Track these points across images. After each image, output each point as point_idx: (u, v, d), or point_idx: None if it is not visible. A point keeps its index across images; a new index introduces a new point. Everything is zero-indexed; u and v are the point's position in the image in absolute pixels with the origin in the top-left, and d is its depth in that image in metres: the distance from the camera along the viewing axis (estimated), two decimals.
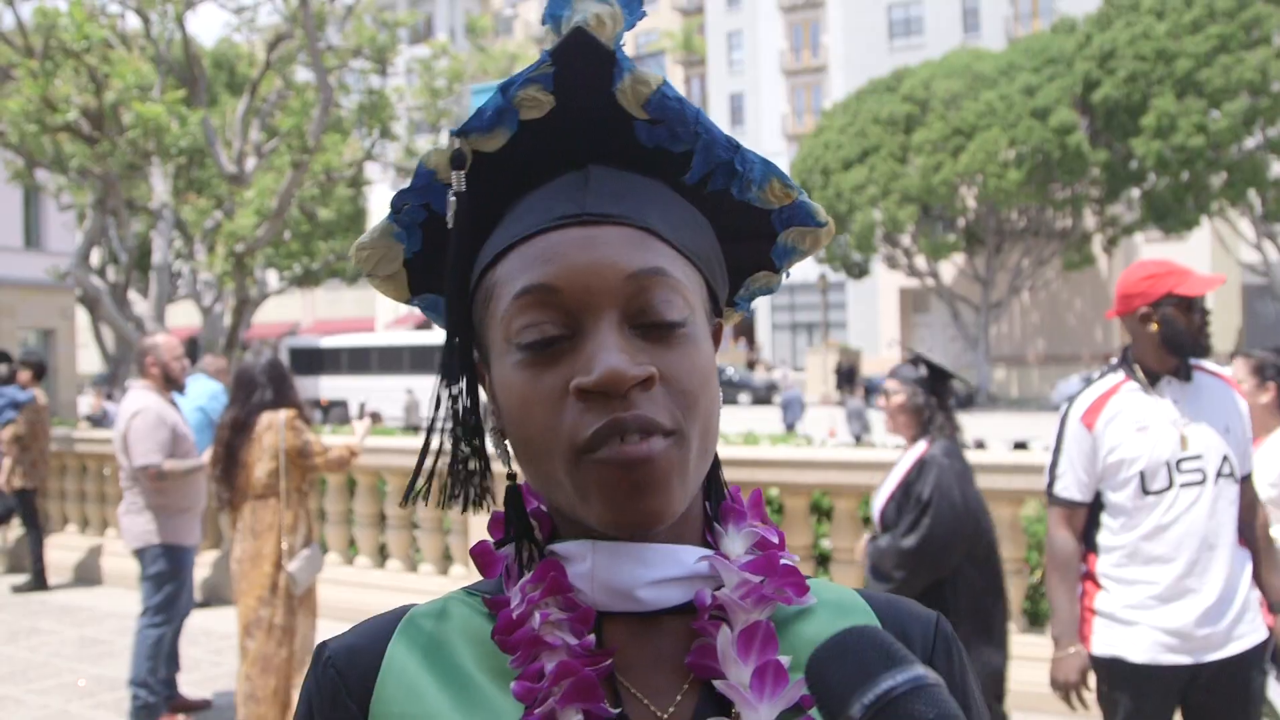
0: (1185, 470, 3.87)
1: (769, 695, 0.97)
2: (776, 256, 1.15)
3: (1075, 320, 52.99)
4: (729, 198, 1.08)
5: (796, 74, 62.60)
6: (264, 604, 6.03)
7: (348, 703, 1.03)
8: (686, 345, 0.98)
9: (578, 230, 0.98)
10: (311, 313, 65.34)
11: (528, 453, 0.98)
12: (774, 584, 1.02)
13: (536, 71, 1.00)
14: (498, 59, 28.13)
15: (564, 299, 0.96)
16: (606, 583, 1.00)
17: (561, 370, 0.95)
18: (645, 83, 1.01)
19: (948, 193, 42.71)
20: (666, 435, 0.95)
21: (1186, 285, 3.90)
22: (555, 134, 1.03)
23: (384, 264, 1.10)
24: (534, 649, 0.99)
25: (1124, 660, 3.94)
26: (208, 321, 22.13)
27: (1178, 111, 38.78)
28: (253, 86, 22.32)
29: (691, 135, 1.04)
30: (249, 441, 6.10)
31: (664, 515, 0.96)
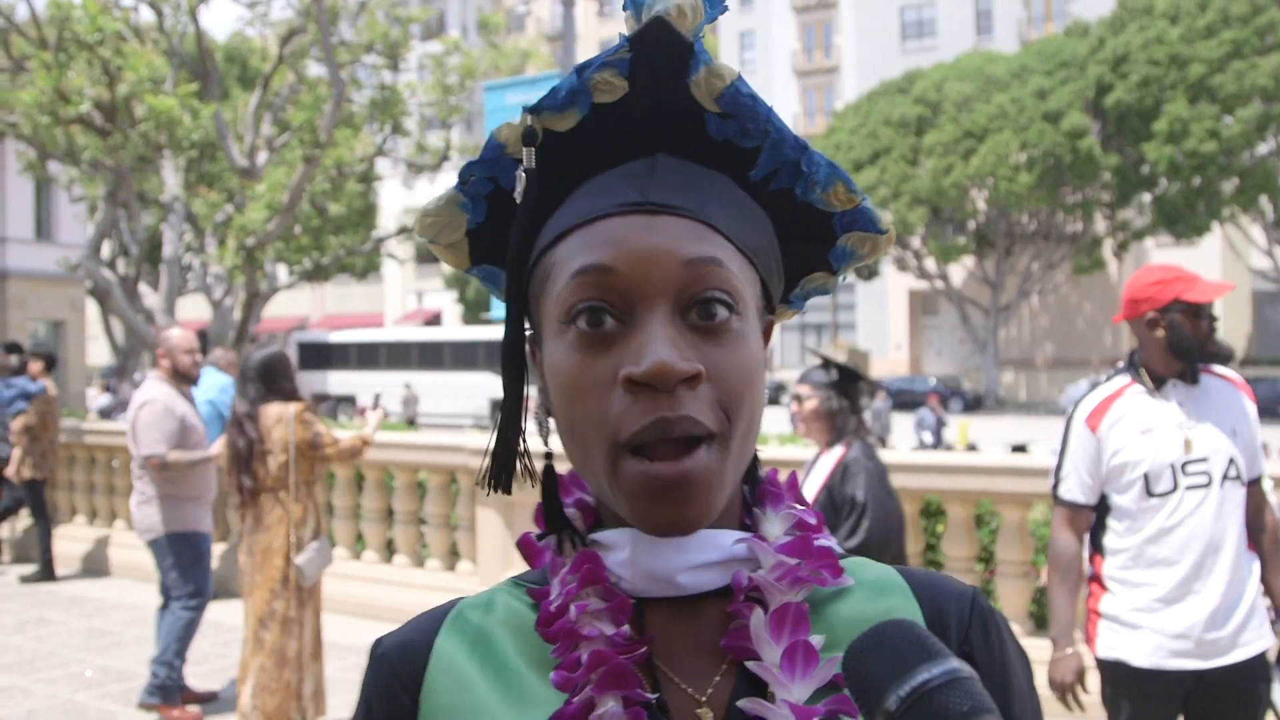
0: (1190, 473, 3.86)
1: (800, 674, 0.98)
2: (834, 259, 1.15)
3: (1084, 324, 52.90)
4: (792, 197, 1.09)
5: (808, 74, 62.57)
6: (276, 597, 6.05)
7: (401, 696, 1.05)
8: (736, 342, 0.99)
9: (640, 217, 0.99)
10: (321, 307, 65.42)
11: (572, 436, 1.00)
12: (810, 565, 1.03)
13: (613, 56, 1.01)
14: (510, 56, 28.13)
15: (620, 281, 0.97)
16: (646, 569, 1.02)
17: (612, 357, 0.96)
18: (720, 76, 1.02)
19: (958, 195, 42.67)
20: (709, 440, 0.95)
21: (1194, 291, 3.90)
22: (625, 119, 1.04)
23: (446, 232, 1.11)
24: (572, 639, 1.00)
25: (1127, 664, 3.94)
26: (218, 315, 22.14)
27: (1190, 116, 38.71)
28: (265, 81, 22.34)
29: (761, 132, 1.05)
30: (262, 434, 6.13)
31: (699, 524, 0.97)
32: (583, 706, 0.97)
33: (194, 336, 7.33)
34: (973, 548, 6.98)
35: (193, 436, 7.06)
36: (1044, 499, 6.77)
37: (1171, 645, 3.87)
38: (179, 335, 7.21)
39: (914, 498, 7.07)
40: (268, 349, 6.36)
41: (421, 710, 1.03)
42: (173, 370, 7.09)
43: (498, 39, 28.90)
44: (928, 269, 47.63)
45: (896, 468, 7.07)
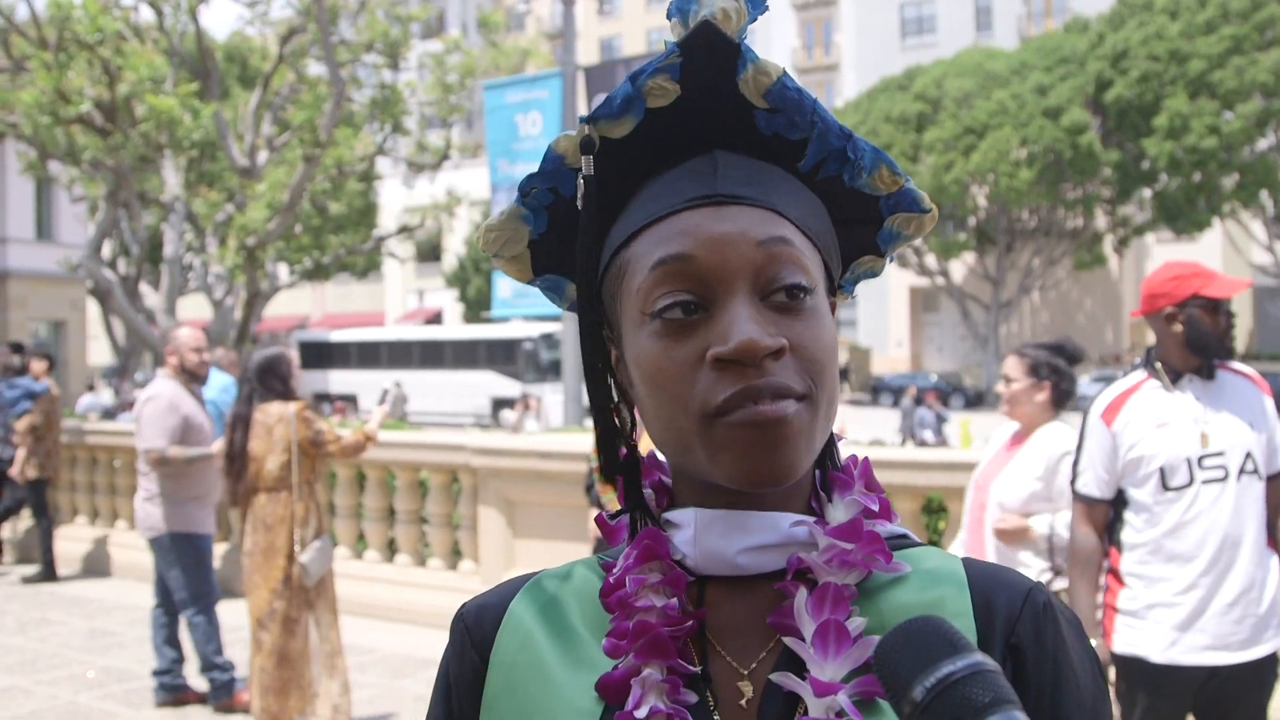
0: (1207, 467, 3.87)
1: (833, 653, 1.01)
2: (882, 241, 1.20)
3: (1085, 320, 52.89)
4: (840, 184, 1.13)
5: (809, 72, 62.57)
6: (277, 596, 6.05)
7: (472, 654, 1.13)
8: (813, 317, 1.03)
9: (710, 209, 1.04)
10: (321, 306, 65.41)
11: (662, 417, 1.04)
12: (862, 550, 1.06)
13: (665, 62, 1.05)
14: (510, 55, 28.10)
15: (699, 267, 1.01)
16: (707, 548, 1.07)
17: (696, 340, 1.01)
18: (767, 73, 1.06)
19: (959, 191, 42.66)
20: (799, 399, 1.00)
21: (1213, 287, 3.92)
22: (679, 121, 1.08)
23: (510, 245, 1.15)
24: (627, 610, 1.07)
25: (1144, 659, 3.94)
26: (218, 314, 22.16)
27: (1190, 112, 38.68)
28: (265, 80, 22.35)
29: (808, 124, 1.09)
30: (252, 435, 6.13)
31: (793, 473, 1.01)
32: (627, 672, 1.04)
33: (203, 335, 7.36)
34: None
35: (197, 435, 7.07)
36: None
37: (1188, 640, 3.87)
38: (188, 334, 7.25)
39: (916, 495, 7.07)
40: (269, 349, 6.37)
41: (490, 667, 1.11)
42: (180, 368, 7.12)
43: (498, 37, 28.87)
44: (928, 265, 47.64)
45: (899, 464, 7.08)
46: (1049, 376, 4.95)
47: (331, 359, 41.88)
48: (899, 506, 7.12)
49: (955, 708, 0.80)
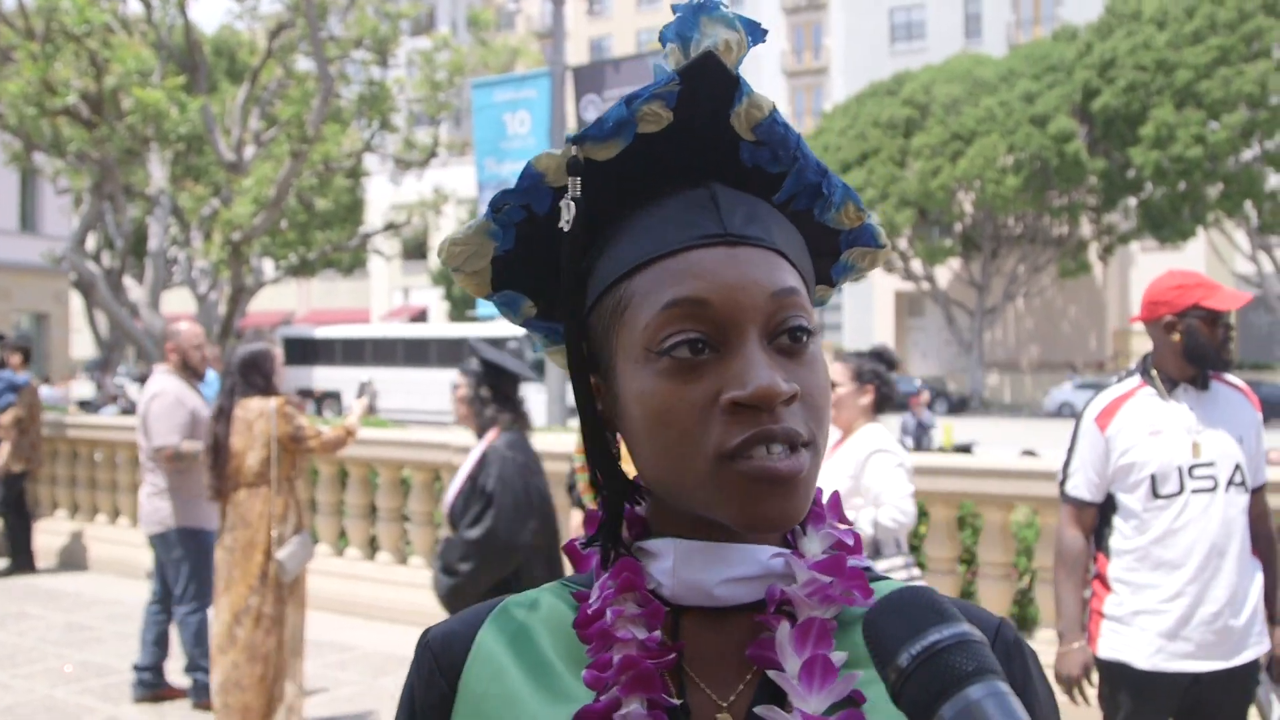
0: (1197, 476, 3.90)
1: (818, 687, 1.01)
2: (835, 272, 1.22)
3: (1070, 327, 53.05)
4: (807, 217, 1.14)
5: (797, 75, 62.64)
6: (254, 592, 6.03)
7: (440, 681, 1.11)
8: (814, 362, 1.05)
9: (721, 249, 1.03)
10: (306, 303, 65.28)
11: (664, 455, 1.02)
12: (841, 585, 1.07)
13: (663, 89, 1.04)
14: (499, 53, 28.10)
15: (714, 312, 1.00)
16: (685, 579, 1.07)
17: (707, 382, 1.00)
18: (759, 107, 1.06)
19: (945, 197, 42.76)
20: (805, 446, 1.01)
21: (1215, 299, 3.94)
22: (664, 148, 1.07)
23: (473, 260, 1.13)
24: (606, 641, 1.06)
25: (1128, 665, 3.98)
26: (203, 309, 22.10)
27: (1176, 122, 38.82)
28: (253, 74, 22.31)
29: (790, 159, 1.10)
30: (233, 430, 6.11)
31: (796, 520, 1.02)
32: (608, 705, 1.03)
33: (202, 331, 7.36)
34: (955, 549, 7.00)
35: (203, 429, 7.07)
36: (1026, 501, 6.80)
37: (1173, 648, 3.91)
38: (189, 329, 7.26)
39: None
40: (252, 344, 6.35)
41: (458, 696, 1.10)
42: (181, 364, 7.12)
43: (487, 36, 28.87)
44: (914, 270, 47.73)
45: None
46: (872, 380, 5.11)
47: (316, 355, 41.77)
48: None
49: (940, 675, 0.82)
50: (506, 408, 5.55)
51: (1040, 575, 6.75)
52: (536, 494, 5.41)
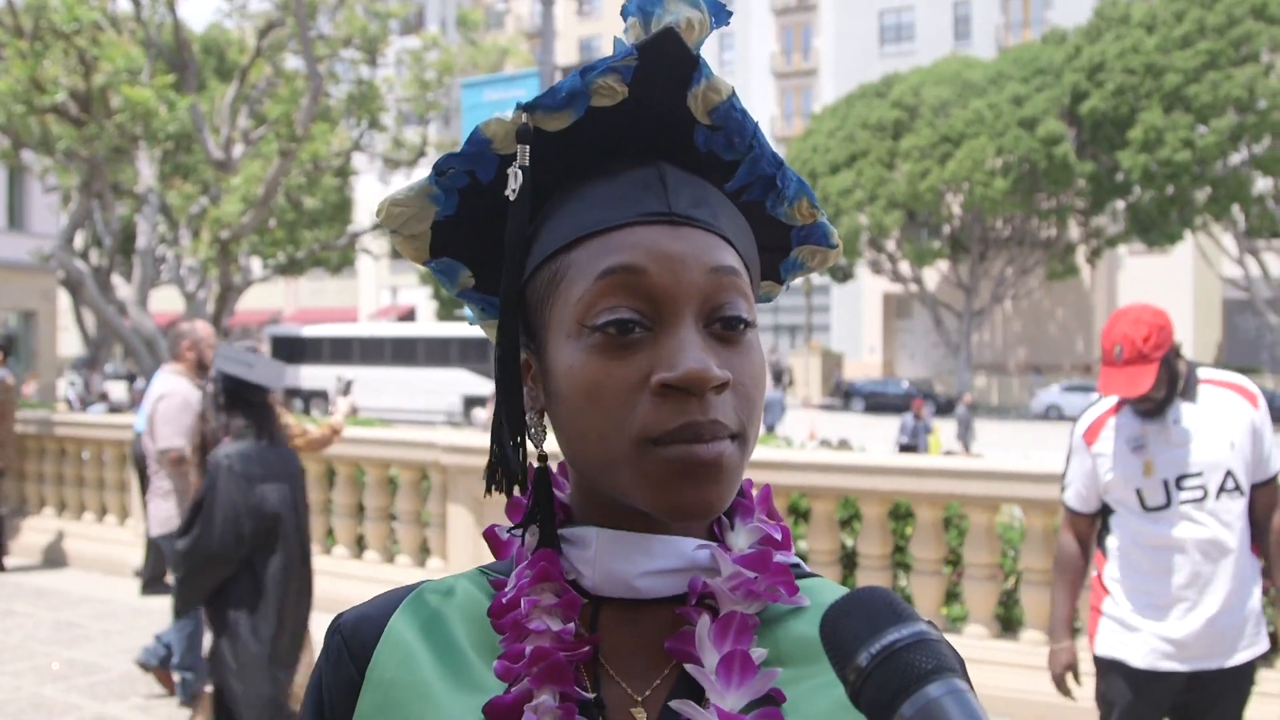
0: (1185, 488, 3.91)
1: (736, 683, 0.99)
2: (784, 269, 1.19)
3: (1057, 330, 53.16)
4: (759, 210, 1.11)
5: (787, 76, 62.69)
6: None
7: (349, 665, 1.07)
8: (750, 349, 1.02)
9: (664, 227, 1.01)
10: (294, 301, 65.20)
11: (588, 435, 1.00)
12: (766, 580, 1.05)
13: (619, 62, 1.02)
14: (488, 52, 28.09)
15: (650, 284, 0.98)
16: (607, 569, 1.04)
17: (638, 361, 0.98)
18: (717, 91, 1.04)
19: (934, 199, 42.81)
20: (732, 438, 0.98)
21: (1101, 380, 4.01)
22: (617, 124, 1.05)
23: (412, 223, 1.11)
24: (519, 632, 1.03)
25: (1125, 664, 4.02)
26: (191, 308, 22.05)
27: (1165, 126, 38.92)
28: (242, 73, 22.28)
29: (745, 147, 1.08)
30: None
31: (717, 511, 0.99)
32: (519, 697, 1.00)
33: (215, 332, 7.35)
34: (940, 550, 7.02)
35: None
36: (1011, 502, 6.83)
37: (1169, 649, 3.94)
38: (205, 329, 7.24)
39: (883, 500, 7.12)
40: (238, 344, 6.36)
41: (365, 681, 1.05)
42: (197, 364, 7.09)
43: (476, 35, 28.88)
44: (902, 272, 47.78)
45: (867, 470, 7.12)
46: None
47: (304, 354, 41.71)
48: (865, 512, 7.17)
49: (899, 674, 0.81)
50: (243, 415, 5.49)
51: (1025, 577, 6.77)
52: (257, 505, 5.32)
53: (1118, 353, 3.94)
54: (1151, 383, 3.85)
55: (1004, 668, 6.68)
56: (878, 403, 45.67)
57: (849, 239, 44.20)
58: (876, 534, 7.12)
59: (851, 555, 7.48)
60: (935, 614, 7.05)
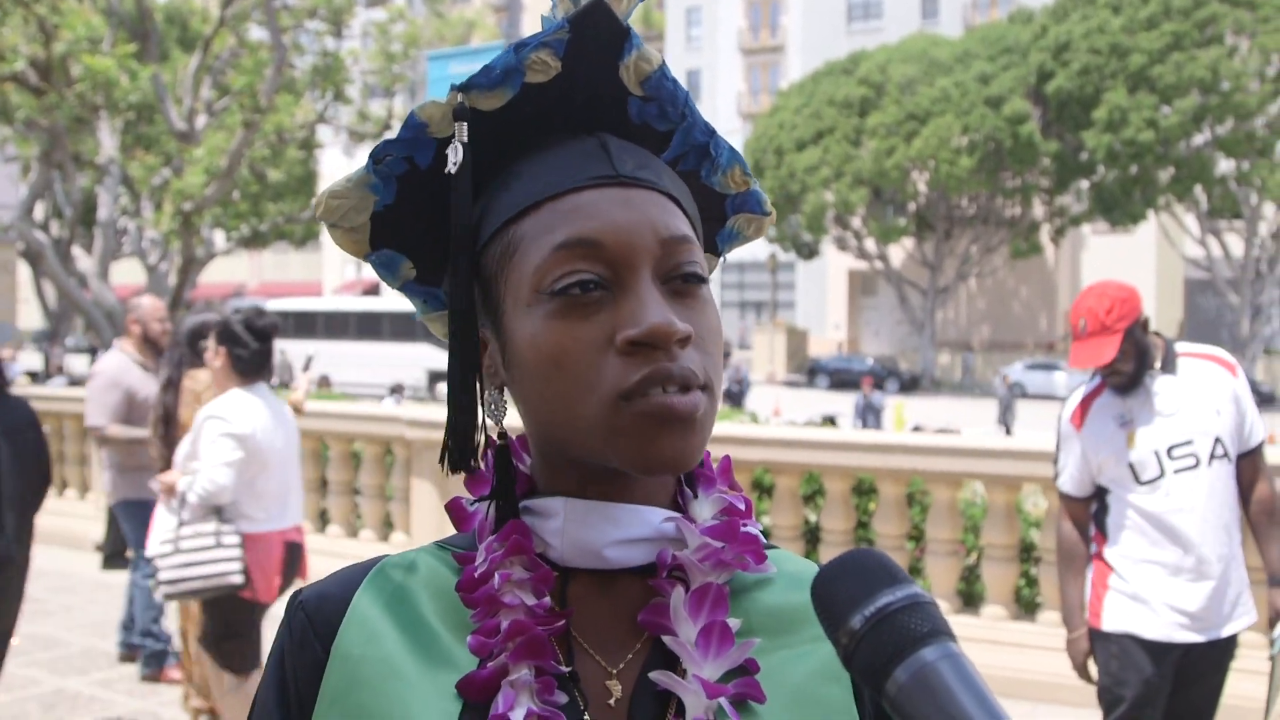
0: (1176, 457, 3.96)
1: (714, 653, 1.00)
2: (721, 239, 1.19)
3: (1020, 308, 53.47)
4: (694, 179, 1.11)
5: (754, 53, 62.64)
6: None
7: (314, 643, 1.05)
8: (707, 305, 1.02)
9: (614, 190, 1.01)
10: (258, 275, 64.83)
11: (556, 401, 1.00)
12: (734, 550, 1.05)
13: (551, 37, 1.02)
14: (455, 25, 27.97)
15: (606, 253, 0.98)
16: (575, 540, 1.03)
17: (600, 321, 0.98)
18: (648, 61, 1.05)
19: (899, 177, 42.97)
20: (702, 389, 0.99)
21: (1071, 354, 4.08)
22: (551, 99, 1.05)
23: (351, 215, 1.09)
24: (492, 606, 1.02)
25: (1139, 636, 4.04)
26: (152, 280, 21.87)
27: (1129, 106, 39.15)
28: (205, 43, 22.08)
29: (678, 116, 1.08)
30: (181, 401, 6.05)
31: (692, 461, 0.99)
32: (496, 672, 0.99)
33: (164, 305, 7.30)
34: (903, 526, 7.06)
35: (142, 409, 6.99)
36: (974, 478, 6.87)
37: (1181, 620, 3.98)
38: (151, 303, 7.21)
39: (847, 475, 7.14)
40: (202, 314, 6.29)
41: (331, 658, 1.04)
42: (143, 338, 7.06)
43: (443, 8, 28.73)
44: (867, 249, 47.94)
45: (831, 446, 7.15)
46: (225, 343, 5.25)
47: None
48: (828, 487, 7.20)
49: (893, 637, 0.81)
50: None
51: (987, 552, 6.82)
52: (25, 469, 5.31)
53: (1082, 326, 4.01)
54: (1115, 352, 3.91)
55: (966, 643, 6.67)
56: (842, 379, 45.82)
57: (814, 216, 44.33)
58: (840, 509, 7.15)
59: (815, 530, 7.51)
60: None
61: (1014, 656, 6.57)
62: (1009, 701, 6.38)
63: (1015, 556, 6.81)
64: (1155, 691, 4.06)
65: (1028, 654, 6.46)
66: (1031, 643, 6.47)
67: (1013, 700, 6.40)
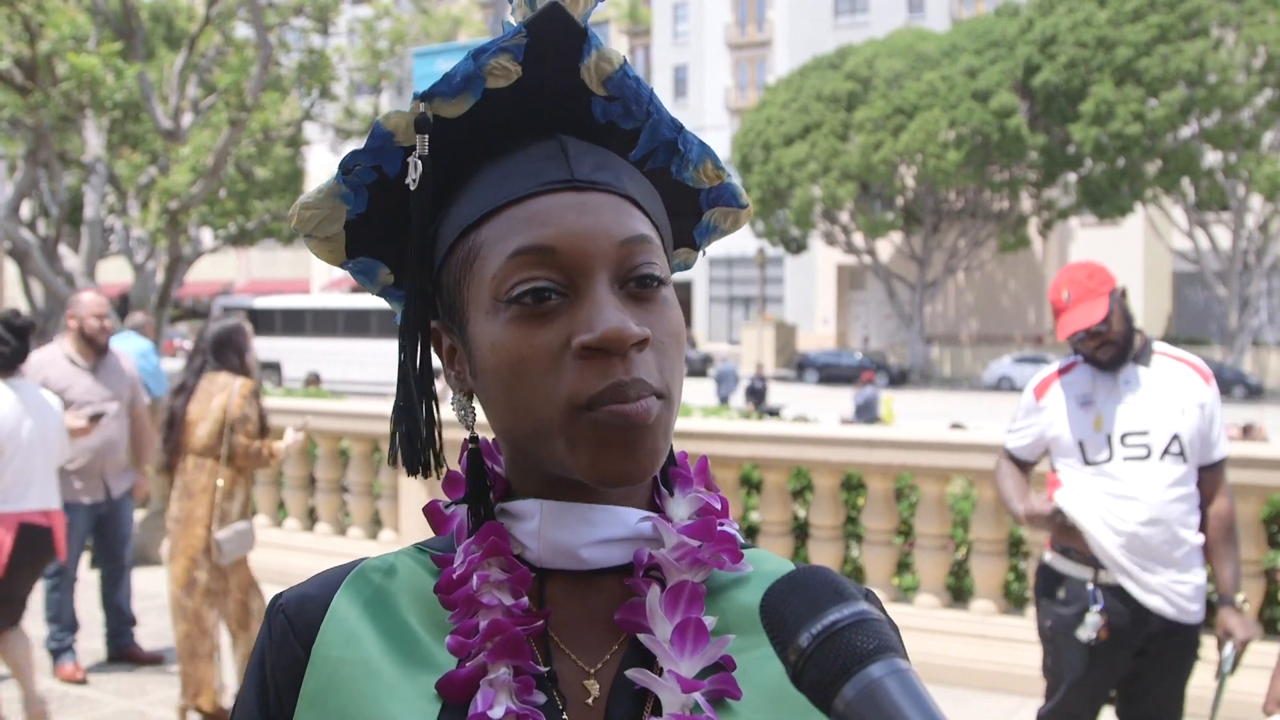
0: (1129, 444, 3.99)
1: (690, 651, 1.00)
2: (698, 234, 1.19)
3: (1009, 301, 53.53)
4: (665, 176, 1.12)
5: (741, 48, 62.60)
6: (198, 566, 5.97)
7: (294, 644, 1.06)
8: (666, 307, 1.03)
9: (569, 195, 1.01)
10: (246, 273, 64.68)
11: (518, 407, 1.00)
12: (710, 549, 1.06)
13: (509, 42, 1.03)
14: (441, 22, 27.90)
15: (561, 259, 0.98)
16: (552, 541, 1.04)
17: (557, 327, 0.98)
18: (609, 60, 1.05)
19: (887, 171, 42.98)
20: (659, 397, 0.99)
21: (1058, 327, 4.12)
22: (516, 103, 1.06)
23: (325, 225, 1.10)
24: (471, 607, 1.03)
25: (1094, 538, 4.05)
26: (139, 279, 21.80)
27: (1116, 99, 39.20)
28: (191, 41, 22.00)
29: (643, 114, 1.08)
30: (194, 399, 6.06)
31: (649, 472, 1.00)
32: (474, 672, 1.00)
33: (105, 302, 7.20)
34: (892, 521, 7.06)
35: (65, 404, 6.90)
36: (962, 473, 6.87)
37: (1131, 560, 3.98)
38: (90, 299, 7.09)
39: (835, 471, 7.15)
40: (226, 321, 6.34)
41: (311, 660, 1.05)
42: (79, 333, 6.99)
43: (429, 4, 28.65)
44: (856, 244, 47.96)
45: (818, 441, 7.15)
46: None
47: (255, 326, 41.21)
48: (817, 483, 7.20)
49: (841, 655, 0.81)
50: None
51: (976, 547, 6.83)
52: None
53: (1065, 296, 4.07)
54: (1105, 311, 3.96)
55: (955, 637, 6.73)
56: (831, 374, 45.86)
57: (802, 211, 44.34)
58: (828, 505, 7.15)
59: (803, 526, 7.51)
60: (886, 584, 7.10)
61: (1003, 651, 6.58)
62: (997, 696, 6.40)
63: (1004, 551, 6.82)
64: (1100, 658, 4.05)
65: (1017, 649, 6.47)
66: (1020, 637, 6.48)
67: (1001, 694, 6.41)
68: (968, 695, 6.44)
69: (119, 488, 7.20)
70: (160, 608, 8.42)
